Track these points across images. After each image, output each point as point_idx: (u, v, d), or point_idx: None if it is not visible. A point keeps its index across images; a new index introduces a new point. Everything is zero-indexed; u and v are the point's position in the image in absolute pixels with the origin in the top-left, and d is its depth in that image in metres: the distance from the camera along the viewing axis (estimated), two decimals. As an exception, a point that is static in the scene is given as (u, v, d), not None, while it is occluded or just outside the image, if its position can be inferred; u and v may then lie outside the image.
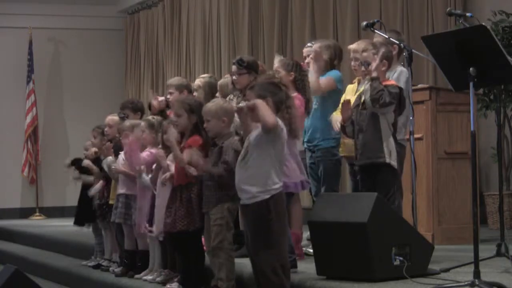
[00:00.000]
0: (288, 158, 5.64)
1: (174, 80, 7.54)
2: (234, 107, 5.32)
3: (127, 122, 7.19)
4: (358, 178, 5.75)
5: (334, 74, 6.68)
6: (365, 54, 5.59)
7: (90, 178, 8.00)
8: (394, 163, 5.51)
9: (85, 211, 8.10)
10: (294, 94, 6.05)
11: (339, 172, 6.82)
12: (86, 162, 7.92)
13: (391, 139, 5.52)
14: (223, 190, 5.60)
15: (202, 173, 5.66)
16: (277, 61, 6.48)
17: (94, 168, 7.83)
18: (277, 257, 4.99)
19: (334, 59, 6.75)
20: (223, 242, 5.63)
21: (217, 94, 7.02)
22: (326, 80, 6.58)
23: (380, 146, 5.49)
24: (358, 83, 6.19)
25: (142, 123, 6.91)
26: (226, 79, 7.16)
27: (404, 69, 6.08)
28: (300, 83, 6.24)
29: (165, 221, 6.04)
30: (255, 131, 5.06)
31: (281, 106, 5.16)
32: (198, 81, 7.43)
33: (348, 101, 5.73)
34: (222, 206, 5.62)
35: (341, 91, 6.56)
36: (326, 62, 6.71)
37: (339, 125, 5.93)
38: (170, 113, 7.06)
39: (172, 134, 5.93)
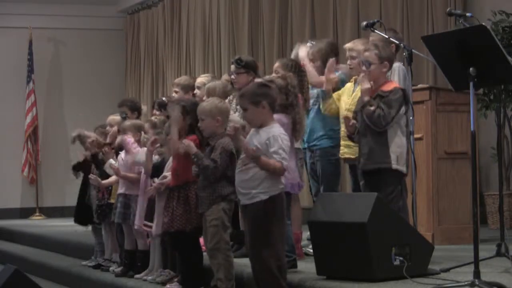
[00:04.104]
0: (292, 158, 5.69)
1: (181, 80, 7.63)
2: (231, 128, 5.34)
3: (128, 122, 7.20)
4: (361, 182, 5.70)
5: (338, 74, 6.67)
6: (367, 53, 5.54)
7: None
8: (402, 168, 5.42)
9: (86, 210, 8.08)
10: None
11: (339, 172, 6.81)
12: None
13: (401, 143, 5.43)
14: (218, 190, 5.60)
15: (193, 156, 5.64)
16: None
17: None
18: (274, 257, 5.01)
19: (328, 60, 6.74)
20: (220, 242, 5.63)
21: (204, 98, 7.01)
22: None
23: (386, 151, 5.40)
24: (355, 82, 6.19)
25: (146, 124, 6.92)
26: (214, 83, 7.16)
27: (400, 66, 6.06)
28: (299, 83, 6.25)
29: (163, 221, 6.06)
30: (253, 138, 5.08)
31: (274, 105, 5.19)
32: (204, 79, 7.44)
33: (347, 117, 5.68)
34: (217, 206, 5.62)
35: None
36: (320, 67, 6.72)
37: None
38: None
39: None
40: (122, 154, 7.18)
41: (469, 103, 4.89)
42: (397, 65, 6.13)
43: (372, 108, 5.36)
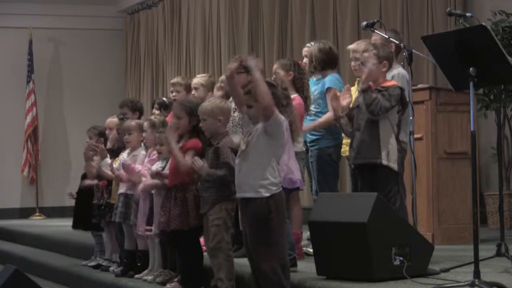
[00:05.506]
0: (292, 157, 5.70)
1: (181, 79, 7.62)
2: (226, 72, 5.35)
3: (132, 122, 7.19)
4: (358, 179, 5.72)
5: (329, 83, 6.66)
6: (366, 54, 5.58)
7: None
8: (393, 165, 5.47)
9: (83, 214, 8.05)
10: (294, 95, 6.08)
11: (336, 173, 6.81)
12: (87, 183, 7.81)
13: (392, 140, 5.48)
14: (220, 190, 5.60)
15: (206, 176, 5.65)
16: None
17: (95, 182, 7.74)
18: (276, 256, 5.00)
19: (325, 61, 6.74)
20: (221, 242, 5.63)
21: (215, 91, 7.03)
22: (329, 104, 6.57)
23: (377, 146, 5.46)
24: (359, 84, 6.19)
25: (145, 123, 6.92)
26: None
27: (401, 71, 6.06)
28: (299, 82, 6.28)
29: (160, 220, 6.07)
30: (256, 127, 5.07)
31: (279, 106, 5.19)
32: (200, 80, 7.44)
33: (348, 88, 5.72)
34: (220, 206, 5.62)
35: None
36: (315, 69, 6.74)
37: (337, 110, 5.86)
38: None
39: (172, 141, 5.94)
40: (124, 155, 7.18)
41: (469, 103, 4.89)
42: (398, 71, 6.10)
43: (374, 94, 5.39)
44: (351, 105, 5.76)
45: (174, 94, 7.52)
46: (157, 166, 6.46)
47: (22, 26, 14.62)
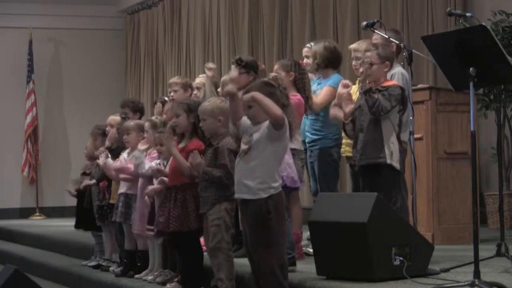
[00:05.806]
0: (291, 156, 5.73)
1: (178, 78, 7.60)
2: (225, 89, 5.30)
3: (131, 122, 7.19)
4: (359, 179, 5.72)
5: (332, 82, 6.67)
6: (368, 54, 5.57)
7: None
8: (396, 164, 5.47)
9: (85, 215, 8.06)
10: (295, 94, 6.08)
11: (337, 173, 6.81)
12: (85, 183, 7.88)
13: (394, 140, 5.48)
14: (220, 191, 5.60)
15: (202, 174, 5.65)
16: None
17: (92, 182, 7.79)
18: (275, 256, 4.99)
19: (329, 60, 6.75)
20: (221, 242, 5.63)
21: (219, 90, 7.02)
22: (322, 94, 6.57)
23: (381, 146, 5.46)
24: (359, 84, 6.19)
25: (146, 123, 6.92)
26: (228, 75, 7.17)
27: (401, 70, 6.06)
28: (300, 82, 6.28)
29: (158, 220, 6.06)
30: (260, 128, 5.06)
31: (279, 105, 5.18)
32: (203, 79, 7.43)
33: (350, 94, 5.72)
34: (220, 206, 5.62)
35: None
36: (319, 66, 6.74)
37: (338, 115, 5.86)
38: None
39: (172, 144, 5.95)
40: (124, 155, 7.18)
41: (469, 103, 4.89)
42: (398, 70, 6.10)
43: (376, 95, 5.39)
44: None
45: (172, 94, 7.52)
46: (157, 162, 6.45)
47: (22, 26, 14.62)
